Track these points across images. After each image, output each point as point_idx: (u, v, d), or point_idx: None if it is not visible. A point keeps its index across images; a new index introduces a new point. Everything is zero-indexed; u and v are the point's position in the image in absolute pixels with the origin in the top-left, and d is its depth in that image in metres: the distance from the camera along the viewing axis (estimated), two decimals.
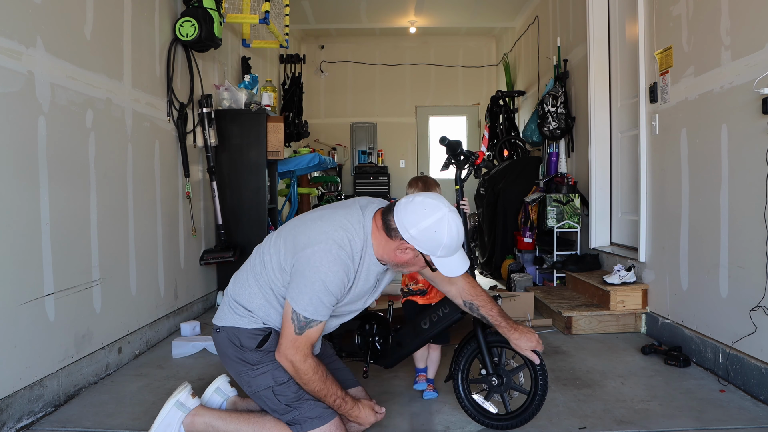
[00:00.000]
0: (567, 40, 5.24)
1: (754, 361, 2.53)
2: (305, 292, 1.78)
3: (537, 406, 2.16)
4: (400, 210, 1.83)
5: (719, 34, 2.78)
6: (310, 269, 1.78)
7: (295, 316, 1.80)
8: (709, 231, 2.89)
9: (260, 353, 1.93)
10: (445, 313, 2.32)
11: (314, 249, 1.79)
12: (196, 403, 2.04)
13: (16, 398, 2.25)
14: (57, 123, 2.56)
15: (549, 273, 4.69)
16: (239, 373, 1.96)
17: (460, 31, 8.90)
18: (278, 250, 1.90)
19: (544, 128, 5.13)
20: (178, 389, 2.05)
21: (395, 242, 1.84)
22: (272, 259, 1.91)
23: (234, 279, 2.05)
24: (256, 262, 1.98)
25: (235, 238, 4.46)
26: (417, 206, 1.80)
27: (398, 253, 1.86)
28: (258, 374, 1.92)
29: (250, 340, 1.93)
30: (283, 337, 1.84)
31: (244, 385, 1.96)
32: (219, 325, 2.00)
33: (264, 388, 1.91)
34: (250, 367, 1.93)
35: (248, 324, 1.94)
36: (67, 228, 2.62)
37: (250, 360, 1.93)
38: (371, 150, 9.29)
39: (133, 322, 3.21)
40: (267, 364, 1.91)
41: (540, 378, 2.13)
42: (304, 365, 1.83)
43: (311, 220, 1.90)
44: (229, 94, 4.44)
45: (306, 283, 1.78)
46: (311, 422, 1.87)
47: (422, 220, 1.78)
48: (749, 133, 2.56)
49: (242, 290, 1.98)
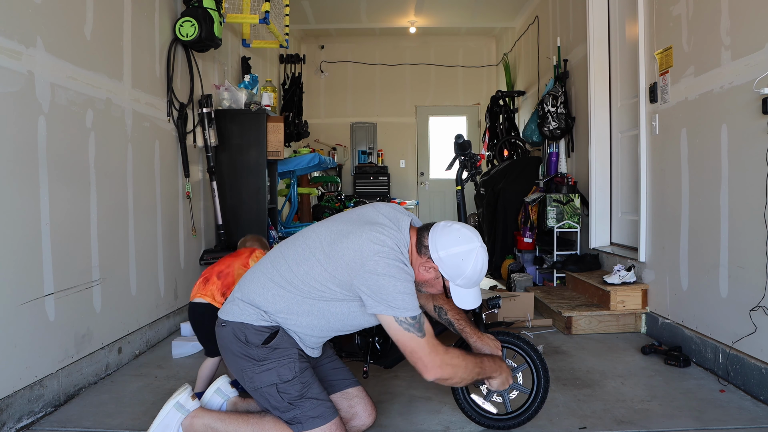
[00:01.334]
0: (567, 40, 5.24)
1: (754, 361, 2.53)
2: (393, 296, 1.79)
3: (538, 406, 2.17)
4: (436, 231, 1.91)
5: (719, 34, 2.78)
6: (383, 278, 1.80)
7: (405, 324, 1.80)
8: (709, 231, 2.89)
9: (266, 350, 1.91)
10: None
11: (376, 260, 1.80)
12: (196, 405, 2.04)
13: (16, 398, 2.25)
14: (57, 123, 2.56)
15: (549, 273, 4.69)
16: (242, 368, 1.93)
17: (460, 31, 8.90)
18: (322, 266, 1.86)
19: (544, 128, 5.13)
20: (179, 390, 2.04)
21: (422, 259, 1.91)
22: (314, 273, 1.87)
23: (248, 281, 1.99)
24: (283, 269, 1.93)
25: (235, 238, 4.45)
26: (453, 232, 1.89)
27: (422, 270, 1.92)
28: (263, 371, 1.90)
29: (257, 336, 1.91)
30: (415, 351, 1.81)
31: (246, 381, 1.94)
32: (225, 319, 1.97)
33: (267, 384, 1.90)
34: (254, 363, 1.91)
35: (257, 321, 1.92)
36: (67, 228, 2.62)
37: (255, 356, 1.91)
38: (371, 150, 9.29)
39: (133, 322, 3.21)
40: (273, 360, 1.90)
41: (542, 377, 2.14)
42: (451, 357, 1.86)
43: (353, 234, 1.87)
44: (229, 94, 4.44)
45: (389, 290, 1.80)
46: (312, 421, 1.87)
47: (453, 246, 1.87)
48: (749, 133, 2.56)
49: (261, 293, 1.93)
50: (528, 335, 3.55)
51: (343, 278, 1.84)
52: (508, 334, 2.24)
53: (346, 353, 2.52)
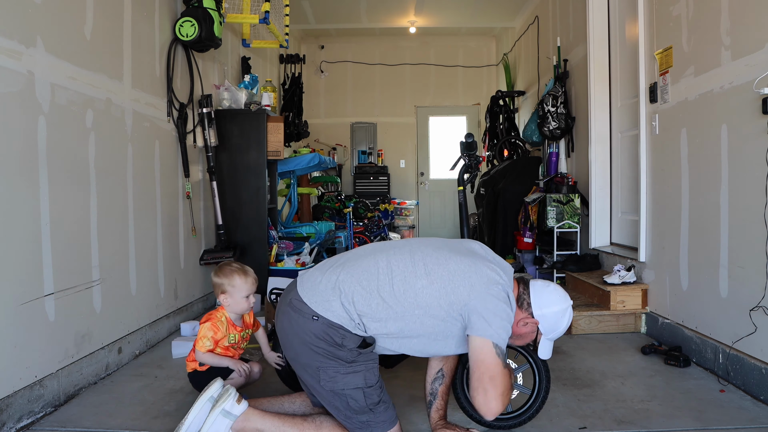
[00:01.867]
0: (567, 40, 5.24)
1: (754, 361, 2.53)
2: (503, 326, 1.86)
3: (539, 407, 2.17)
4: (538, 290, 2.02)
5: (719, 34, 2.78)
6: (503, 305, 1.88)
7: (498, 349, 1.85)
8: (709, 231, 2.89)
9: (356, 352, 1.90)
10: None
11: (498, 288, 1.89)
12: (243, 408, 1.99)
13: (16, 398, 2.25)
14: (57, 123, 2.56)
15: (549, 273, 4.69)
16: (322, 367, 1.89)
17: (460, 31, 8.90)
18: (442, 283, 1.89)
19: (544, 128, 5.13)
20: (223, 396, 1.97)
21: (522, 314, 2.00)
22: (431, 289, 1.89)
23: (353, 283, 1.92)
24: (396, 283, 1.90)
25: (235, 238, 4.46)
26: (554, 292, 2.03)
27: (520, 325, 2.00)
28: (349, 372, 1.89)
29: (353, 340, 1.90)
30: (495, 378, 1.83)
31: (325, 380, 1.89)
32: (320, 314, 1.89)
33: (353, 387, 1.90)
34: (341, 364, 1.89)
35: (354, 329, 1.90)
36: (67, 228, 2.62)
37: (344, 357, 1.89)
38: (371, 150, 9.29)
39: (133, 322, 3.21)
40: (361, 363, 1.91)
41: (543, 377, 2.14)
42: (509, 379, 1.91)
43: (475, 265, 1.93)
44: (229, 94, 4.44)
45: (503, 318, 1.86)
46: (381, 425, 1.93)
47: (556, 305, 2.00)
48: (749, 133, 2.56)
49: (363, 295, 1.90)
50: None
51: (460, 296, 1.87)
52: None
53: None
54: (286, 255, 4.72)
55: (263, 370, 2.60)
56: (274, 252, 4.58)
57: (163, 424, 2.31)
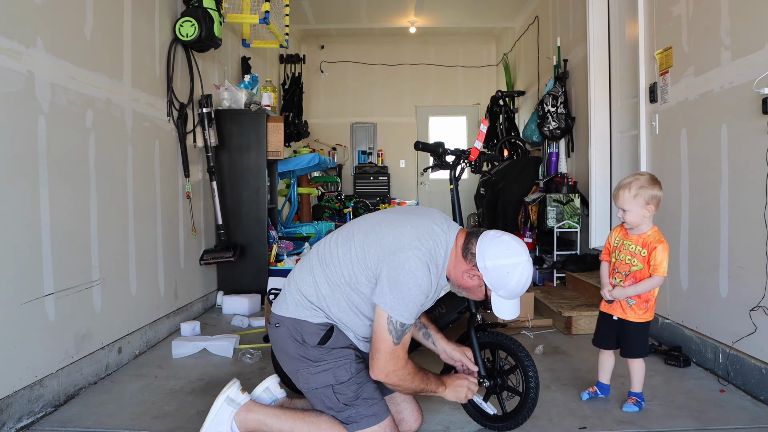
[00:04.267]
0: (567, 40, 5.24)
1: (754, 361, 2.53)
2: (402, 297, 1.78)
3: (530, 408, 2.13)
4: (485, 240, 1.89)
5: (719, 34, 2.78)
6: (406, 275, 1.78)
7: (392, 325, 1.78)
8: (709, 231, 2.89)
9: (322, 350, 1.90)
10: (442, 313, 2.31)
11: (408, 255, 1.80)
12: (246, 398, 2.01)
13: (16, 398, 2.24)
14: (57, 123, 2.56)
15: (549, 273, 4.69)
16: (297, 370, 1.93)
17: (460, 31, 8.90)
18: (356, 247, 1.87)
19: (544, 128, 5.13)
20: (228, 385, 2.02)
21: (467, 265, 1.90)
22: (349, 255, 1.88)
23: (297, 270, 2.01)
24: (325, 253, 1.94)
25: (235, 238, 4.46)
26: (503, 244, 1.87)
27: (465, 277, 1.91)
28: (318, 371, 1.89)
29: (313, 336, 1.90)
30: (380, 351, 1.81)
31: (301, 382, 1.93)
32: (281, 315, 1.95)
33: (323, 386, 1.89)
34: (310, 364, 1.90)
35: (313, 318, 1.91)
36: (67, 228, 2.62)
37: (311, 357, 1.90)
38: (371, 150, 9.29)
39: (133, 322, 3.21)
40: (329, 361, 1.89)
41: (530, 378, 2.11)
42: (404, 371, 1.84)
43: (398, 223, 1.89)
44: (229, 94, 4.44)
45: (403, 290, 1.78)
46: (367, 420, 1.88)
47: (502, 258, 1.85)
48: (749, 133, 2.56)
49: (305, 280, 1.95)
50: (528, 335, 3.56)
51: (373, 262, 1.83)
52: (498, 334, 2.22)
53: None
54: (286, 255, 4.72)
55: (264, 370, 2.59)
56: (273, 252, 4.58)
57: (163, 424, 2.31)
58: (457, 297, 2.28)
